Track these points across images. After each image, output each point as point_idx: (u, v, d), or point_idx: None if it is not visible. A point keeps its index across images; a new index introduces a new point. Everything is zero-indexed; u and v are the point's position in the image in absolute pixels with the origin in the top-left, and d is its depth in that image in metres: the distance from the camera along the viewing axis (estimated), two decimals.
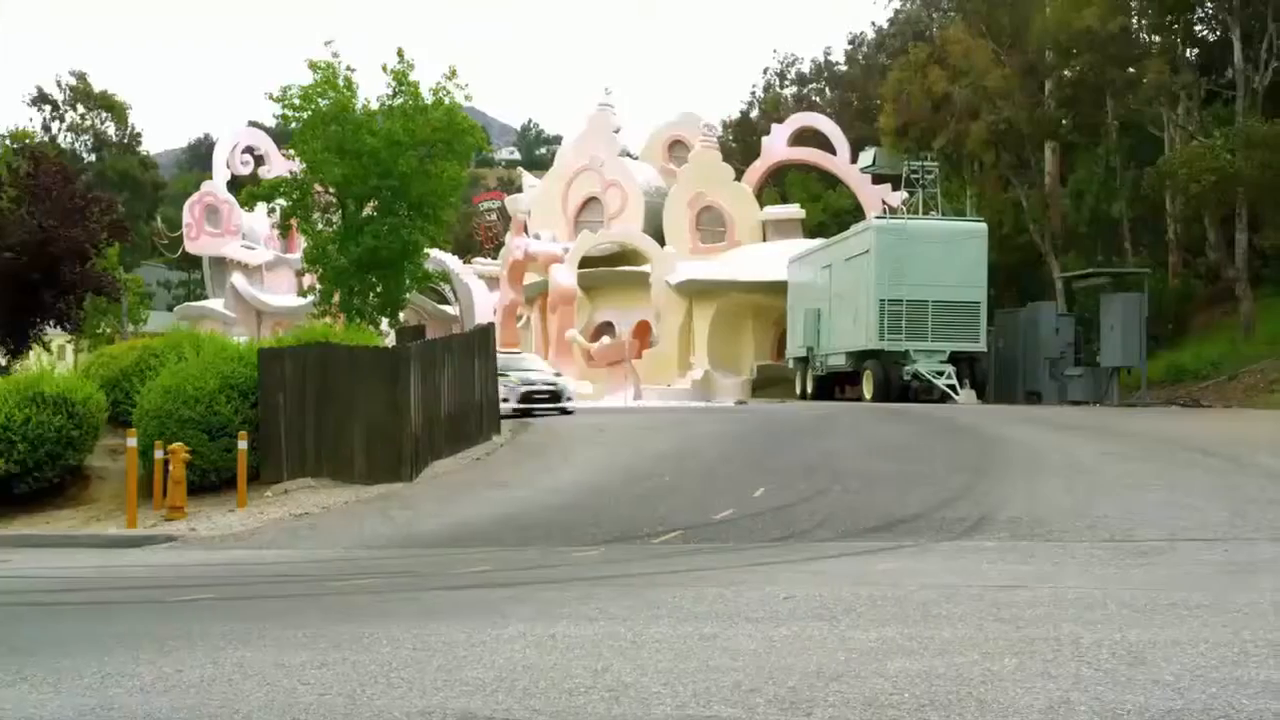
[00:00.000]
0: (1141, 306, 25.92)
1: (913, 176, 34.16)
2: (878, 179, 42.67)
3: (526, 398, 25.43)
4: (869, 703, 5.20)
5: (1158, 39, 31.73)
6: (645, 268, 39.49)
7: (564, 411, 26.02)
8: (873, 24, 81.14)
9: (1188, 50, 32.19)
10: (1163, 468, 14.60)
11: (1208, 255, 33.32)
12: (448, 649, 6.60)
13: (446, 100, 26.39)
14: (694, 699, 5.36)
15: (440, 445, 18.84)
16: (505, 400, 24.03)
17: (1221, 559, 9.23)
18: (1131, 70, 31.15)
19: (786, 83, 66.56)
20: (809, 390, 32.82)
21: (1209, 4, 30.79)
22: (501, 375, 23.72)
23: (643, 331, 40.05)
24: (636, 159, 47.65)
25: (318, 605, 8.99)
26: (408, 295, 29.20)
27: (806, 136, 47.33)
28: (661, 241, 40.69)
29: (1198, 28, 32.39)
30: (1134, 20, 31.71)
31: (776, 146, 47.05)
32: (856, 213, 41.93)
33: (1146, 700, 5.06)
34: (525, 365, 27.90)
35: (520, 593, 9.11)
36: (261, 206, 32.49)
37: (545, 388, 26.22)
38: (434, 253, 33.62)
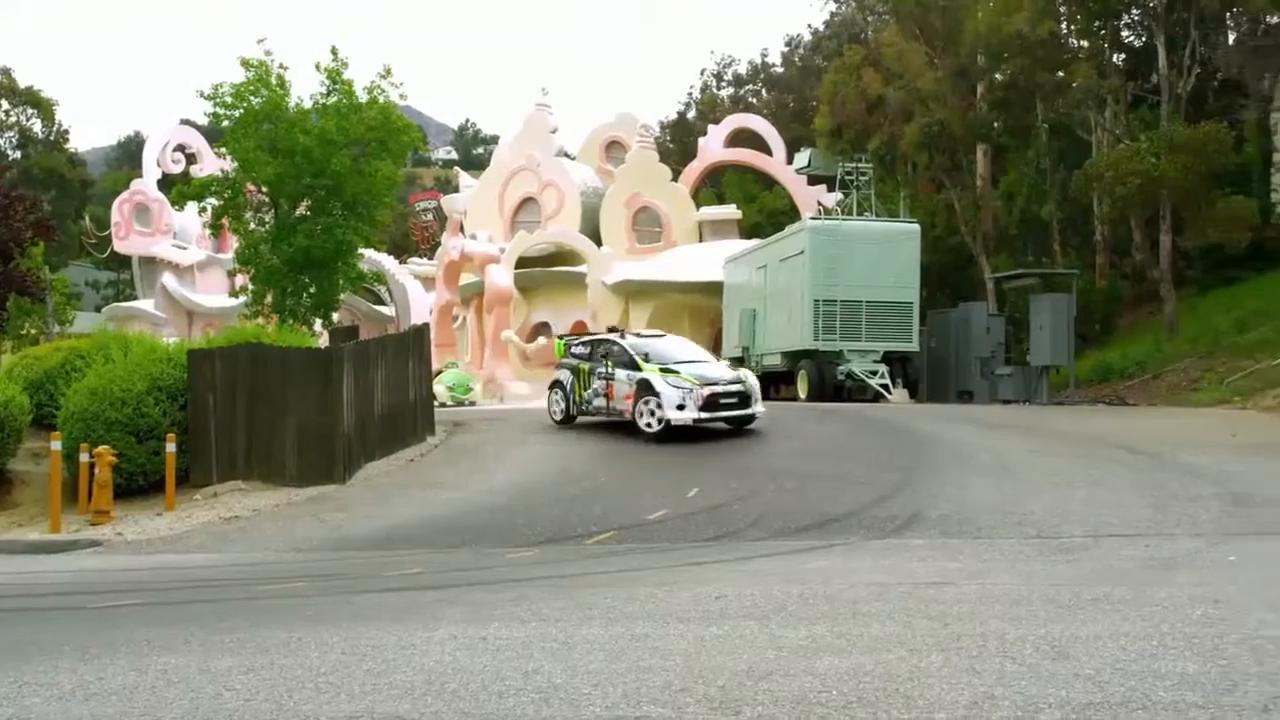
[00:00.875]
0: (1070, 307, 26.35)
1: (847, 178, 34.46)
2: (813, 180, 42.98)
3: (712, 404, 18.32)
4: (797, 701, 5.24)
5: (1086, 44, 32.21)
6: (582, 268, 39.43)
7: (750, 420, 19.20)
8: (809, 26, 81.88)
9: (1115, 55, 32.75)
10: (1088, 465, 14.87)
11: (1133, 256, 33.95)
12: (377, 652, 6.56)
13: (381, 99, 26.20)
14: (624, 699, 5.38)
15: (374, 447, 18.69)
16: (681, 408, 18.12)
17: (1144, 554, 9.42)
18: (1061, 74, 31.59)
19: (723, 84, 66.88)
20: None
21: (1135, 11, 31.34)
22: (666, 371, 18.53)
23: (579, 332, 39.93)
24: (573, 159, 47.57)
25: (246, 610, 8.87)
26: (342, 296, 28.93)
27: (743, 137, 47.55)
28: (598, 242, 40.66)
29: (1124, 34, 32.98)
30: (1063, 25, 32.16)
31: (713, 147, 47.22)
32: (792, 213, 42.20)
33: (1068, 694, 5.16)
34: (681, 354, 20.12)
35: (452, 595, 9.07)
36: (192, 205, 32.04)
37: (733, 388, 18.75)
38: (368, 253, 33.35)
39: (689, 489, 14.62)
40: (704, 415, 18.18)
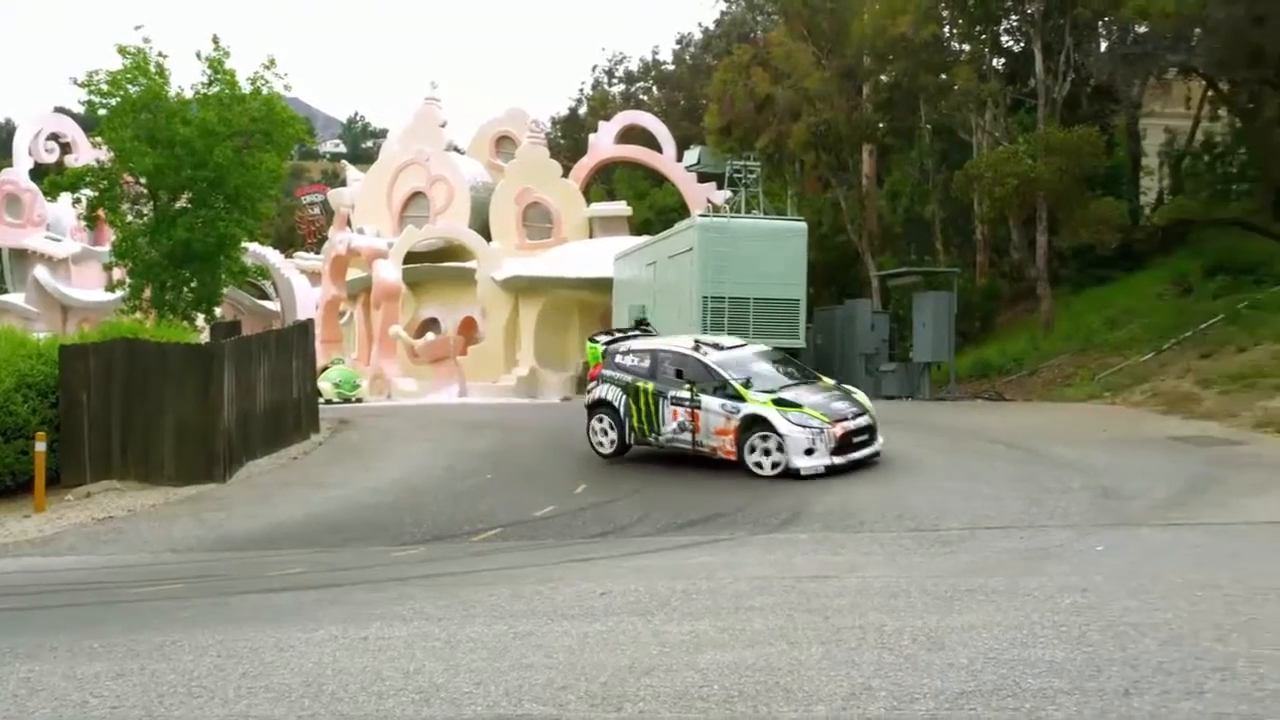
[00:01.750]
0: (951, 304, 26.91)
1: (735, 175, 34.71)
2: (703, 177, 43.24)
3: (845, 444, 14.52)
4: (679, 696, 5.28)
5: (967, 48, 32.88)
6: (471, 264, 39.12)
7: (875, 458, 15.09)
8: (699, 25, 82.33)
9: (995, 60, 33.46)
10: (967, 460, 15.20)
11: (1012, 255, 34.78)
12: (254, 655, 6.44)
13: (265, 90, 25.74)
14: (505, 698, 5.36)
15: (256, 445, 18.33)
16: (810, 452, 14.20)
17: (1018, 546, 9.68)
18: (943, 77, 32.16)
19: (614, 81, 66.79)
20: None
21: (1014, 17, 32.09)
22: (782, 405, 14.55)
23: (468, 328, 39.67)
24: (463, 154, 47.18)
25: (117, 613, 8.62)
26: (224, 290, 28.35)
27: (634, 134, 47.63)
28: (488, 237, 40.40)
29: (1004, 39, 33.72)
30: (945, 29, 32.81)
31: (604, 144, 47.23)
32: (682, 210, 42.37)
33: (942, 684, 5.28)
34: (781, 373, 16.13)
35: (334, 595, 8.94)
36: (66, 196, 31.08)
37: (862, 421, 15.03)
38: (252, 246, 32.74)
39: (576, 486, 14.62)
40: (838, 461, 14.29)
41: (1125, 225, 27.29)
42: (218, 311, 27.59)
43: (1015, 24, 32.40)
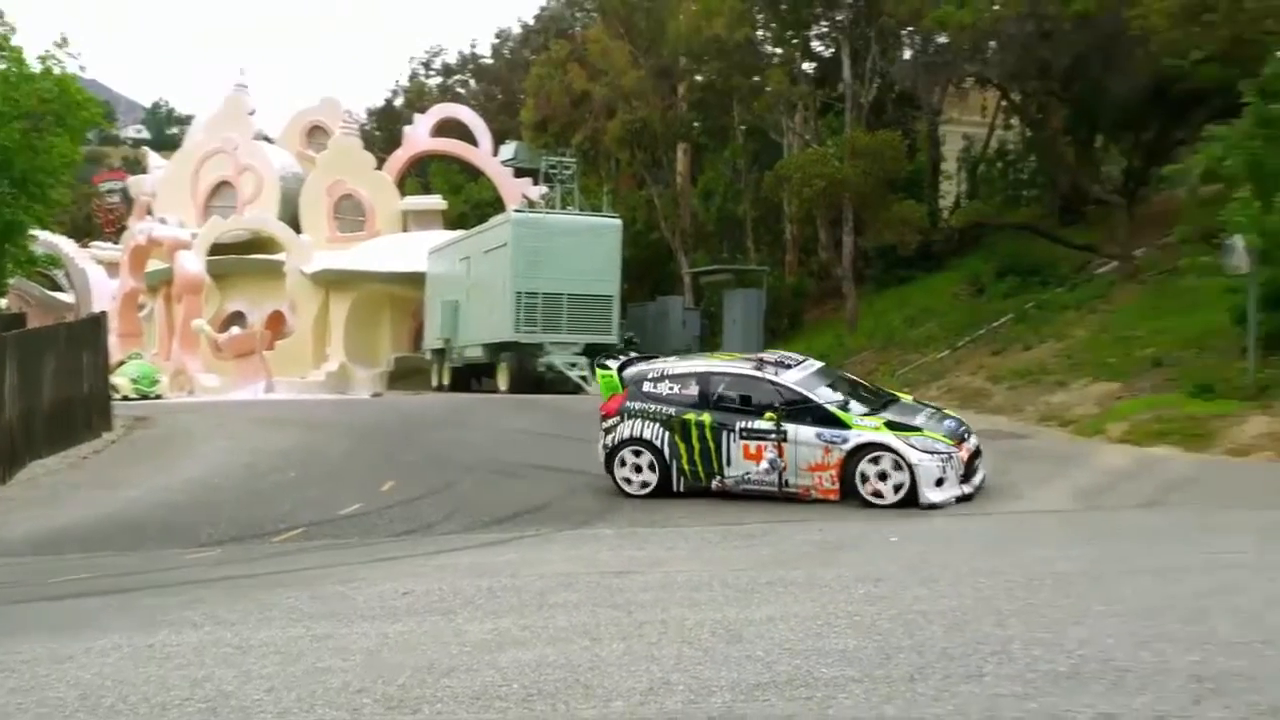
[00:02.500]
0: (761, 302, 27.58)
1: (551, 171, 34.75)
2: (519, 172, 43.09)
3: (969, 469, 12.23)
4: (477, 696, 5.22)
5: (780, 51, 33.70)
6: (280, 256, 38.06)
7: (984, 479, 12.74)
8: (519, 20, 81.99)
9: (805, 64, 34.40)
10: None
11: (820, 255, 35.77)
12: (27, 667, 6.08)
13: (57, 69, 24.36)
14: (298, 704, 5.20)
15: (41, 444, 17.38)
16: (940, 482, 11.66)
17: (817, 538, 9.95)
18: (756, 79, 32.89)
19: (431, 73, 65.88)
20: (446, 382, 32.76)
21: (824, 23, 33.00)
22: (898, 429, 12.02)
23: (276, 322, 38.57)
24: (273, 143, 45.81)
25: None
26: (11, 280, 26.78)
27: (450, 127, 47.11)
28: (298, 229, 39.36)
29: (815, 44, 34.64)
30: (758, 32, 33.51)
31: (419, 136, 46.58)
32: (498, 205, 42.12)
33: (739, 676, 5.36)
34: (855, 393, 13.19)
35: (120, 600, 8.54)
36: None
37: (975, 441, 12.76)
38: (43, 235, 31.05)
39: (384, 483, 14.37)
40: (966, 490, 11.98)
41: (925, 227, 28.40)
42: (3, 303, 26.04)
43: (825, 30, 33.32)
